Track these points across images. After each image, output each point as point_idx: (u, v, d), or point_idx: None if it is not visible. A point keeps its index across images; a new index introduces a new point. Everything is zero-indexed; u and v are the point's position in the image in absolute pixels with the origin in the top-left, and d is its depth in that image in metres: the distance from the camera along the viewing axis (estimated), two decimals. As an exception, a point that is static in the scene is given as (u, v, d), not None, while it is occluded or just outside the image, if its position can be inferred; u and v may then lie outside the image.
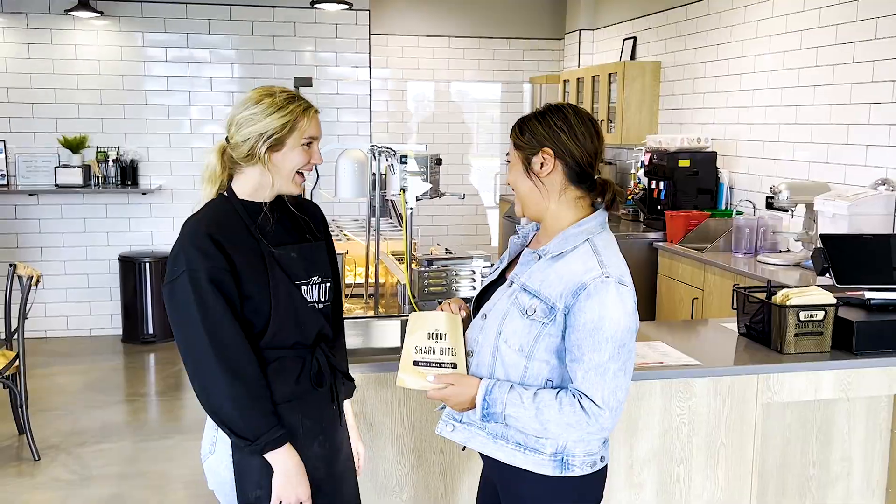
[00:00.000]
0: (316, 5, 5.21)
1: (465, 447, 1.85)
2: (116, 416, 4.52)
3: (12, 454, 3.97)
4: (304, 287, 1.86)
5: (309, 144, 1.84)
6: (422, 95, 7.25)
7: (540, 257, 1.74)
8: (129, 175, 5.91)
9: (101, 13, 5.70)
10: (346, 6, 5.19)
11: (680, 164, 4.82)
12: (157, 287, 5.87)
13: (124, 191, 5.87)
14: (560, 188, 1.74)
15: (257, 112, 1.80)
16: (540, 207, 1.76)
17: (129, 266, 5.84)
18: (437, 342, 1.78)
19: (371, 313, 3.12)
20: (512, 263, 1.87)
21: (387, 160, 3.20)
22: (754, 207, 4.54)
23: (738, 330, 2.75)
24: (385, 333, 2.96)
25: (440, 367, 1.76)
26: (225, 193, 1.85)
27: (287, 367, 1.81)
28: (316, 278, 1.89)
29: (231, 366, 1.71)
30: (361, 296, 3.42)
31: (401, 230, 4.43)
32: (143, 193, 5.97)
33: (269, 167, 1.82)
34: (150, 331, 5.90)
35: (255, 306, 1.77)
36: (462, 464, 2.44)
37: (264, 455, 1.76)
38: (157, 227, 6.07)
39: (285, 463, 1.78)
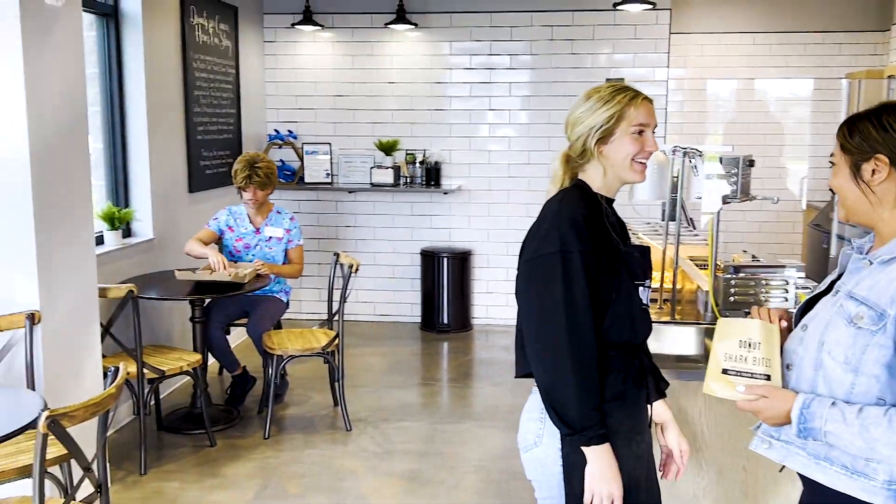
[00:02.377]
0: (618, 7, 5.15)
1: (782, 468, 1.71)
2: (414, 397, 4.80)
3: (328, 423, 4.39)
4: (640, 287, 1.87)
5: (640, 132, 1.84)
6: (718, 95, 6.88)
7: (871, 263, 1.59)
8: (432, 176, 6.25)
9: (416, 25, 6.10)
10: (650, 6, 5.08)
11: None
12: (453, 280, 6.15)
13: (428, 190, 6.24)
14: (895, 196, 1.57)
15: (586, 110, 1.85)
16: (870, 217, 1.61)
17: (429, 260, 6.17)
18: (749, 351, 1.67)
19: (666, 318, 3.03)
20: (842, 276, 1.71)
21: (690, 161, 3.09)
22: None
23: None
24: (681, 340, 2.86)
25: (752, 377, 1.65)
26: (578, 184, 1.89)
27: (616, 365, 1.82)
28: (648, 281, 1.90)
29: (580, 349, 1.72)
30: (656, 300, 3.34)
31: (694, 234, 4.25)
32: (445, 193, 6.29)
33: (601, 160, 1.85)
34: (445, 321, 6.18)
35: (600, 297, 1.78)
36: (767, 485, 2.28)
37: (583, 447, 1.76)
38: (454, 224, 6.36)
39: (602, 459, 1.76)
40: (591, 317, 1.74)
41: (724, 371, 1.68)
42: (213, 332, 4.35)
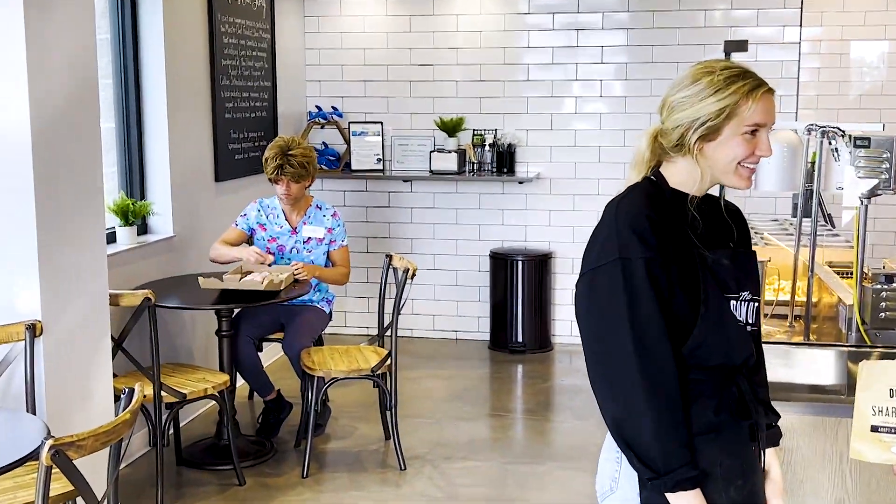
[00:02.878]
0: (736, -48, 5.04)
1: None
2: (482, 431, 4.82)
3: (378, 459, 4.42)
4: (732, 301, 1.85)
5: (753, 132, 1.82)
6: (864, 59, 6.70)
7: None
8: (505, 161, 6.21)
9: (486, -22, 6.11)
10: (777, -50, 4.96)
11: None
12: (529, 288, 6.09)
13: (499, 179, 6.21)
14: None
15: (691, 95, 1.83)
16: None
17: (501, 264, 6.12)
18: None
19: (798, 339, 2.98)
20: None
21: (829, 143, 3.04)
22: None
23: None
24: (817, 366, 2.82)
25: None
26: (653, 178, 1.91)
27: (706, 392, 1.81)
28: (746, 294, 1.88)
29: (653, 375, 1.73)
30: (785, 316, 3.30)
31: (834, 234, 4.17)
32: (520, 182, 6.25)
33: (699, 159, 1.84)
34: (520, 339, 6.14)
35: (677, 312, 1.79)
36: (928, 550, 2.22)
37: (668, 494, 1.75)
38: (531, 220, 6.32)
39: None
40: (666, 335, 1.75)
41: (874, 428, 1.67)
42: (242, 349, 4.38)
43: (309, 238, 4.57)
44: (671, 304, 1.78)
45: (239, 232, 4.56)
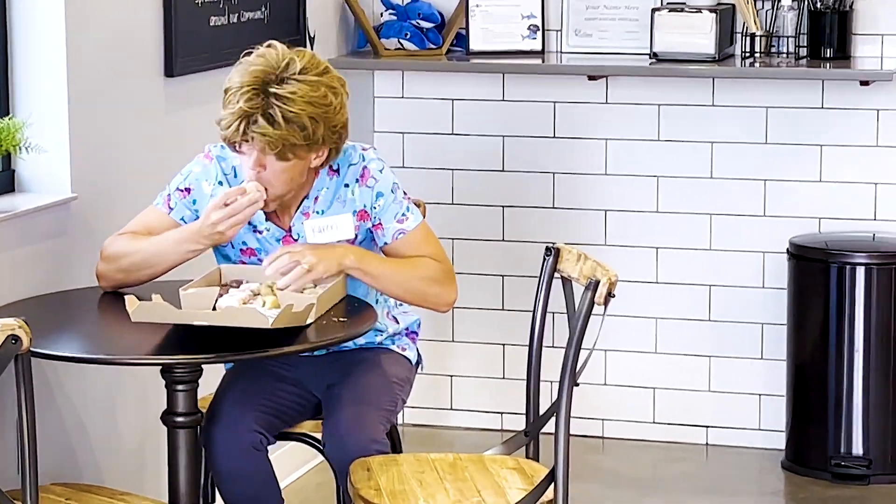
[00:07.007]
0: None
1: None
2: None
3: None
4: None
5: None
6: None
7: None
8: (828, 35, 5.82)
9: None
10: None
11: None
12: (882, 333, 5.72)
13: (815, 74, 5.84)
14: None
15: None
16: None
17: (815, 272, 5.72)
18: None
19: None
20: None
21: None
22: None
23: None
24: None
25: None
26: None
27: None
28: None
29: None
30: None
31: None
32: (863, 84, 5.79)
33: None
34: (858, 449, 5.83)
35: None
36: None
37: None
38: (890, 173, 5.91)
39: None
40: None
41: None
42: (223, 454, 4.11)
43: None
44: None
45: (170, 224, 4.37)
